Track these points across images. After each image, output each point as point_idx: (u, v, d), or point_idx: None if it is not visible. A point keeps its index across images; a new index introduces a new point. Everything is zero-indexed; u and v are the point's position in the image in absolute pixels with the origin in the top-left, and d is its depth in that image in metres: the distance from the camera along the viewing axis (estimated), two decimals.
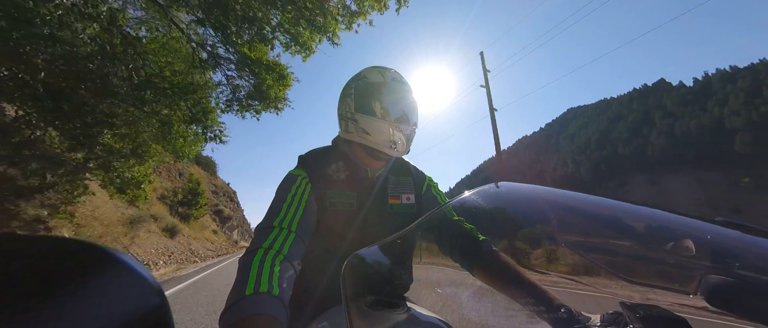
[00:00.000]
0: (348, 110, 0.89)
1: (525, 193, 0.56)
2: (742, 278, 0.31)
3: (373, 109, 0.85)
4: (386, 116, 0.85)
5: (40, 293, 0.14)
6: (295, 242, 0.70)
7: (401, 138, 0.86)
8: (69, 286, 0.15)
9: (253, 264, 0.60)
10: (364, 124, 0.85)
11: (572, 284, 0.47)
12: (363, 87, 0.88)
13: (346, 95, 0.91)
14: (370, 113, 0.85)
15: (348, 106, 0.89)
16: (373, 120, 0.85)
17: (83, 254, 0.17)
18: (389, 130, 0.85)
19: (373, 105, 0.86)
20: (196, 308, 4.85)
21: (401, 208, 0.90)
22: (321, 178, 0.85)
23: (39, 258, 0.16)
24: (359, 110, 0.87)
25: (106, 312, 0.16)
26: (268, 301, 0.54)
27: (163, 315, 0.19)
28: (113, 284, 0.17)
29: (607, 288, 0.39)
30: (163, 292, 0.20)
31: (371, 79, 0.88)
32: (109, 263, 0.18)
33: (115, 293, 0.17)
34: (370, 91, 0.86)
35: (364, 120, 0.85)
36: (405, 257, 0.79)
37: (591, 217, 0.50)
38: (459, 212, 0.70)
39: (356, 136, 0.87)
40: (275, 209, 0.75)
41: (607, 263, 0.44)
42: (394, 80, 0.89)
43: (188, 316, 4.44)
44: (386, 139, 0.84)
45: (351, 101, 0.88)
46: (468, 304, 0.63)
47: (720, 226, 0.36)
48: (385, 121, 0.85)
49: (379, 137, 0.85)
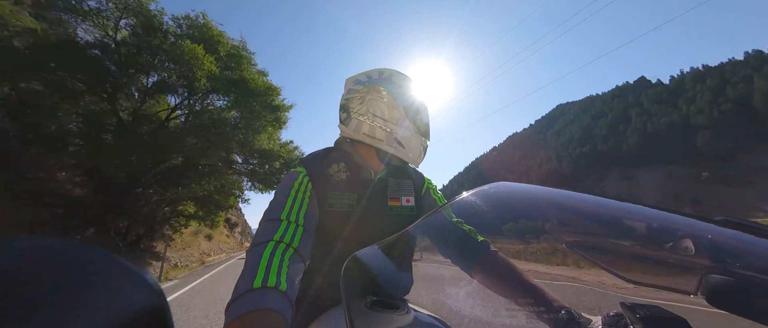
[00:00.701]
0: (379, 113, 0.84)
1: (524, 193, 0.55)
2: (743, 278, 0.31)
3: (413, 121, 0.85)
4: (420, 129, 0.86)
5: (41, 295, 0.14)
6: (304, 236, 0.70)
7: (420, 148, 0.88)
8: (69, 288, 0.16)
9: (264, 256, 0.60)
10: (401, 134, 0.84)
11: (572, 285, 0.47)
12: (401, 96, 0.85)
13: (375, 96, 0.85)
14: (408, 125, 0.84)
15: (378, 110, 0.84)
16: (409, 133, 0.84)
17: (83, 256, 0.18)
18: (420, 143, 0.86)
19: (412, 117, 0.85)
20: (236, 272, 11.87)
21: (401, 210, 0.89)
22: (322, 178, 0.84)
23: (39, 260, 0.16)
24: (393, 119, 0.83)
25: (106, 314, 0.16)
26: (276, 296, 0.53)
27: (163, 316, 0.19)
28: (113, 286, 0.17)
29: (607, 288, 0.39)
30: (162, 293, 0.20)
31: (405, 90, 0.87)
32: (108, 264, 0.18)
33: (114, 294, 0.17)
34: (408, 102, 0.85)
35: (402, 131, 0.84)
36: (405, 257, 0.79)
37: (590, 217, 0.49)
38: (458, 213, 0.71)
39: (386, 144, 0.84)
40: (279, 203, 0.74)
41: (607, 263, 0.43)
42: (411, 87, 0.88)
43: (231, 279, 6.72)
44: (418, 154, 0.86)
45: (384, 107, 0.84)
46: (467, 305, 0.64)
47: (721, 226, 0.35)
48: (418, 133, 0.85)
49: (414, 150, 0.85)
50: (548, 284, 0.53)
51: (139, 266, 0.20)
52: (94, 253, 0.18)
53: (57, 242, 0.18)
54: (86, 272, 0.17)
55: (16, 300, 0.14)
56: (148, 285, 0.19)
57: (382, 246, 0.65)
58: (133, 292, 0.18)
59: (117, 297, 0.17)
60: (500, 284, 0.62)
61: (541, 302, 0.51)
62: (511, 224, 0.62)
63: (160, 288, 0.20)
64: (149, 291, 0.19)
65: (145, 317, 0.18)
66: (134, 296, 0.18)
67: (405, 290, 0.79)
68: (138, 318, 0.17)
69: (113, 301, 0.17)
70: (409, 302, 0.72)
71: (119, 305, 0.17)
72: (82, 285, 0.16)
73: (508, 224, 0.63)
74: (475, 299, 0.65)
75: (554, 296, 0.51)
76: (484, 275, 0.66)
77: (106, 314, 0.16)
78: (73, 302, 0.15)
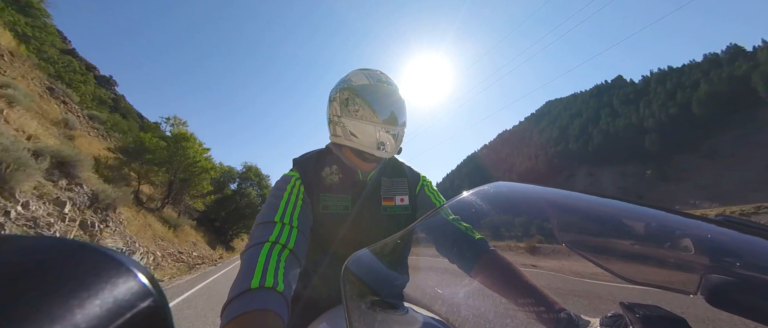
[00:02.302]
0: (335, 114, 0.89)
1: (523, 193, 0.55)
2: (742, 278, 0.31)
3: (359, 111, 0.85)
4: (372, 118, 0.85)
5: (38, 295, 0.14)
6: (299, 237, 0.70)
7: (389, 139, 0.86)
8: (67, 287, 0.16)
9: (260, 257, 0.60)
10: (351, 126, 0.86)
11: (571, 284, 0.49)
12: (348, 90, 0.88)
13: (332, 99, 0.91)
14: (356, 116, 0.85)
15: (334, 110, 0.89)
16: (359, 122, 0.85)
17: (81, 254, 0.18)
18: (376, 131, 0.85)
19: (358, 107, 0.85)
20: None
21: (395, 210, 0.90)
22: (314, 181, 0.85)
23: (37, 259, 0.16)
24: (345, 113, 0.87)
25: (105, 313, 0.16)
26: (273, 297, 0.53)
27: (163, 315, 0.19)
28: (111, 285, 0.17)
29: (607, 288, 0.40)
30: (162, 292, 0.20)
31: (356, 82, 0.88)
32: (107, 263, 0.18)
33: (113, 293, 0.17)
34: (355, 93, 0.86)
35: (351, 123, 0.86)
36: (403, 257, 0.79)
37: (589, 216, 0.49)
38: (455, 212, 0.71)
39: (344, 139, 0.88)
40: (273, 205, 0.75)
41: (606, 262, 0.43)
42: (380, 81, 0.89)
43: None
44: (373, 141, 0.85)
45: (337, 105, 0.88)
46: (466, 304, 0.63)
47: (720, 225, 0.35)
48: (371, 122, 0.85)
49: (367, 139, 0.85)
50: (547, 283, 0.53)
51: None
52: (90, 250, 0.18)
53: (52, 239, 0.18)
54: (82, 270, 0.17)
55: (10, 300, 0.14)
56: (146, 283, 0.19)
57: (381, 247, 0.65)
58: (131, 290, 0.18)
59: (114, 296, 0.17)
60: (498, 283, 0.61)
61: (539, 302, 0.51)
62: (510, 224, 0.63)
63: (159, 287, 0.20)
64: (148, 289, 0.19)
65: (143, 316, 0.18)
66: (132, 295, 0.18)
67: (404, 291, 0.80)
68: (137, 317, 0.17)
69: (111, 300, 0.16)
70: (408, 302, 0.75)
71: (117, 304, 0.17)
72: (79, 284, 0.16)
73: (507, 224, 0.64)
74: (473, 298, 0.63)
75: (553, 295, 0.51)
76: (483, 274, 0.65)
77: (104, 313, 0.16)
78: (70, 301, 0.15)
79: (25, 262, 0.16)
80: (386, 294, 0.67)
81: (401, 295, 0.79)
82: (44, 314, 0.14)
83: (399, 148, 0.91)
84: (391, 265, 0.70)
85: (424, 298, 0.76)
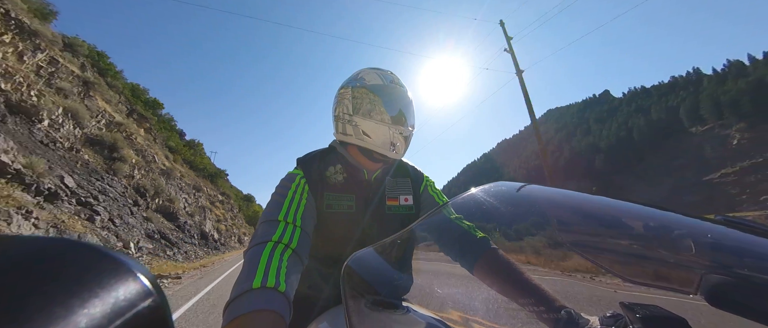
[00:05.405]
0: (346, 112, 0.89)
1: (524, 192, 0.56)
2: (742, 278, 0.31)
3: (373, 111, 0.86)
4: (386, 119, 0.86)
5: (40, 295, 0.14)
6: (302, 236, 0.70)
7: (400, 140, 0.87)
8: (68, 287, 0.16)
9: (263, 256, 0.60)
10: (364, 126, 0.86)
11: (571, 284, 0.47)
12: (362, 89, 0.88)
13: (342, 97, 0.91)
14: (370, 116, 0.86)
15: (345, 109, 0.89)
16: (373, 122, 0.85)
17: (82, 254, 0.18)
18: (390, 132, 0.86)
19: (372, 107, 0.86)
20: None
21: (399, 209, 0.90)
22: (319, 180, 0.85)
23: (38, 259, 0.16)
24: (358, 113, 0.87)
25: (104, 313, 0.16)
26: (275, 297, 0.53)
27: (162, 315, 0.19)
28: (111, 284, 0.17)
29: (607, 288, 0.39)
30: (162, 291, 0.20)
31: (369, 82, 0.89)
32: (106, 263, 0.18)
33: (113, 293, 0.17)
34: (369, 93, 0.87)
35: (364, 122, 0.86)
36: (404, 257, 0.78)
37: (590, 216, 0.50)
38: (458, 211, 0.71)
39: (355, 138, 0.88)
40: (276, 204, 0.75)
41: (606, 262, 0.43)
42: (393, 82, 0.90)
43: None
44: (387, 142, 0.86)
45: (349, 103, 0.88)
46: (467, 304, 0.63)
47: (720, 225, 0.35)
48: (384, 123, 0.86)
49: (380, 140, 0.86)
50: (548, 282, 0.53)
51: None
52: (90, 250, 0.18)
53: (50, 239, 0.18)
54: (82, 270, 0.17)
55: (9, 300, 0.14)
56: (146, 283, 0.19)
57: (382, 246, 0.65)
58: (132, 290, 0.18)
59: (114, 296, 0.17)
60: (500, 283, 0.62)
61: (540, 301, 0.51)
62: (512, 223, 0.63)
63: (159, 286, 0.20)
64: (147, 289, 0.19)
65: (144, 316, 0.18)
66: (133, 295, 0.18)
67: (405, 290, 0.79)
68: (136, 317, 0.17)
69: (110, 299, 0.16)
70: (408, 302, 0.74)
71: (116, 303, 0.16)
72: (78, 284, 0.16)
73: (509, 223, 0.64)
74: (474, 299, 0.63)
75: (554, 295, 0.51)
76: (484, 273, 0.66)
77: (104, 313, 0.16)
78: (69, 301, 0.15)
79: (26, 262, 0.16)
80: (387, 293, 0.68)
81: (402, 294, 0.79)
82: (45, 315, 0.14)
83: (406, 149, 0.93)
84: (392, 264, 0.71)
85: (425, 297, 0.76)
